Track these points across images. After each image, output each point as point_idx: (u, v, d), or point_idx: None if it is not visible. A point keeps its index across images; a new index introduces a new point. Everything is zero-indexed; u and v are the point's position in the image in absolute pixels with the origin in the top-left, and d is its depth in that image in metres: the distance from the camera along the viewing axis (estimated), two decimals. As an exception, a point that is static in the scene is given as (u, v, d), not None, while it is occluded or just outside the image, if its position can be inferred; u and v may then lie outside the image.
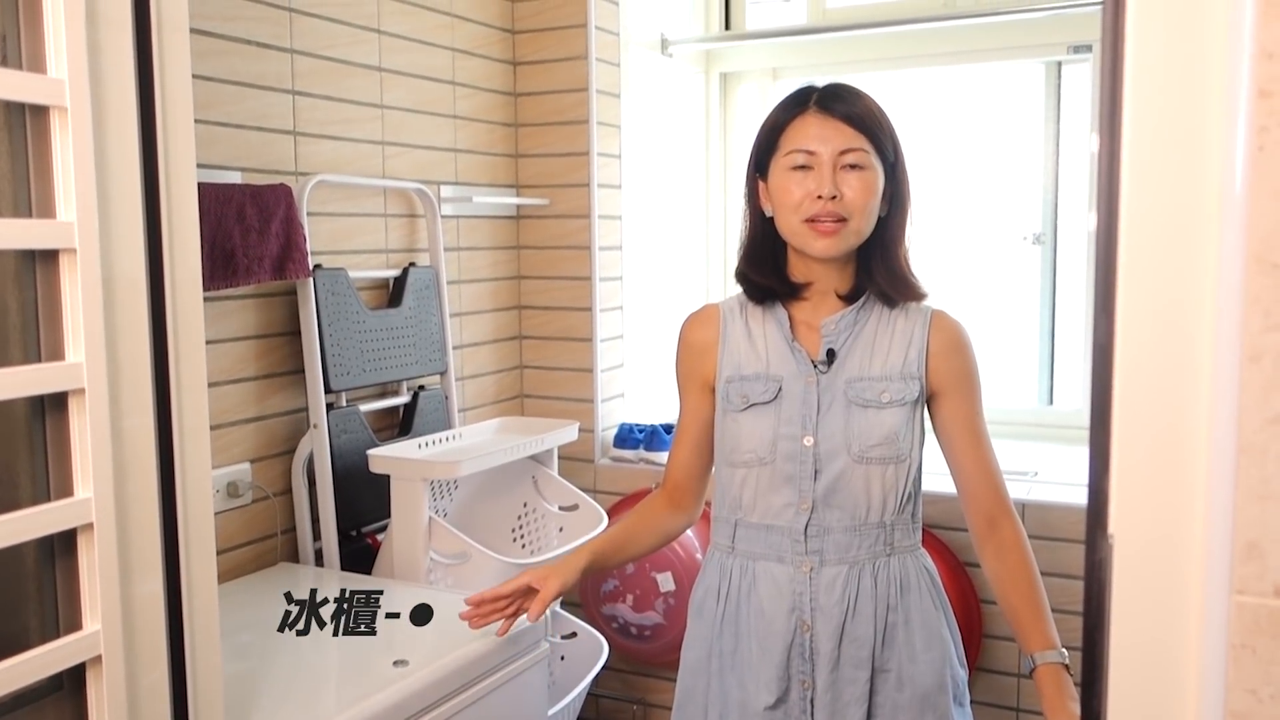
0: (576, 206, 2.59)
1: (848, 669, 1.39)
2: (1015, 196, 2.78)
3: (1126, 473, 0.59)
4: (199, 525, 1.05)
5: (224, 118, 1.87)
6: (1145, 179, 0.57)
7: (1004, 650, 2.27)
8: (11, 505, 0.89)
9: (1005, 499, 1.43)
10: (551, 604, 1.47)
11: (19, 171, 0.90)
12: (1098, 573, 0.61)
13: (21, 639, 0.94)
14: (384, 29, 2.21)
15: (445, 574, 1.99)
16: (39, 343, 0.92)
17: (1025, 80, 2.77)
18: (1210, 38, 0.55)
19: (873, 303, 1.45)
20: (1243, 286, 0.54)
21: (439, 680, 1.54)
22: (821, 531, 1.40)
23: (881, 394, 1.40)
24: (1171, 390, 0.58)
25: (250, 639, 1.63)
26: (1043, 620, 1.37)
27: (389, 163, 2.25)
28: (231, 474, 1.92)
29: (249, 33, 1.91)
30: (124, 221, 0.94)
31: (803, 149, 1.37)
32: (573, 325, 2.63)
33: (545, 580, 1.47)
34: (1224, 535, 0.55)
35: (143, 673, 0.98)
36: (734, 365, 1.46)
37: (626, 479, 2.60)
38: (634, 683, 2.65)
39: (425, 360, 2.28)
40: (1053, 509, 2.19)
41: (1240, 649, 0.55)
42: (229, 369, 1.91)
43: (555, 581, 1.46)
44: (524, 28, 2.60)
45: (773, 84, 2.93)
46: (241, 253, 1.83)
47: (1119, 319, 0.59)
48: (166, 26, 0.98)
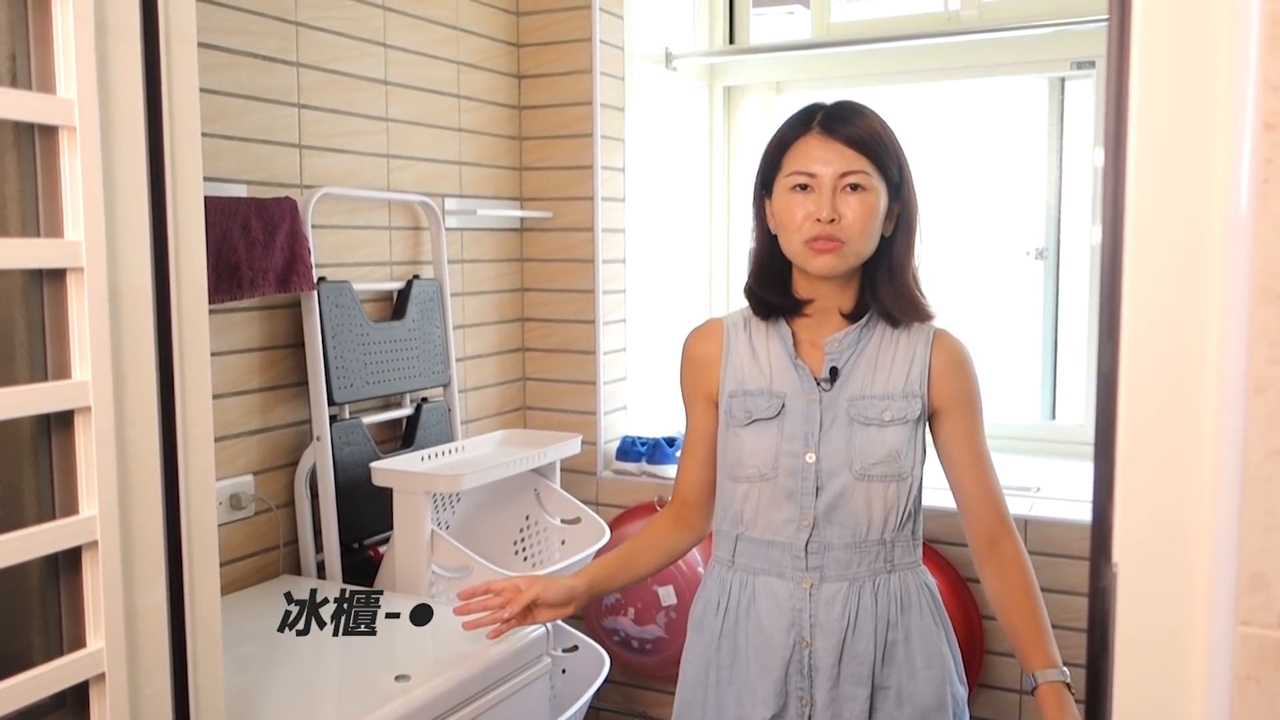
0: (580, 219, 2.60)
1: (847, 686, 1.39)
2: (1018, 212, 2.79)
3: (1131, 502, 0.59)
4: (202, 538, 1.05)
5: (230, 131, 1.88)
6: (1150, 212, 0.57)
7: (1005, 666, 2.26)
8: (17, 522, 0.90)
9: (1006, 517, 1.43)
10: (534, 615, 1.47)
11: (27, 190, 0.90)
12: (1102, 601, 0.61)
13: (25, 656, 0.94)
14: (389, 43, 2.22)
15: (447, 587, 1.99)
16: (45, 359, 0.92)
17: (1028, 96, 2.77)
18: (1214, 72, 0.55)
19: (876, 321, 1.45)
20: (1248, 318, 0.54)
21: (440, 695, 1.54)
22: (822, 548, 1.40)
23: (884, 412, 1.40)
24: (1176, 420, 0.58)
25: (251, 651, 1.63)
26: (1044, 638, 1.37)
27: (394, 175, 2.26)
28: (234, 486, 1.92)
29: (255, 46, 1.92)
30: (131, 238, 0.95)
31: (804, 170, 1.38)
32: (576, 338, 2.64)
33: (530, 584, 1.47)
34: (1229, 566, 0.55)
35: (144, 684, 0.98)
36: (737, 380, 1.46)
37: (629, 492, 2.60)
38: (636, 696, 2.65)
39: (428, 372, 2.28)
40: (1055, 525, 2.18)
41: (1245, 680, 0.55)
42: (232, 381, 1.91)
43: (536, 587, 1.46)
44: (529, 41, 2.61)
45: (776, 98, 2.94)
46: (246, 266, 1.83)
47: (1123, 348, 0.59)
48: (175, 39, 0.98)
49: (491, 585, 1.49)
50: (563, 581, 1.49)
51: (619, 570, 1.54)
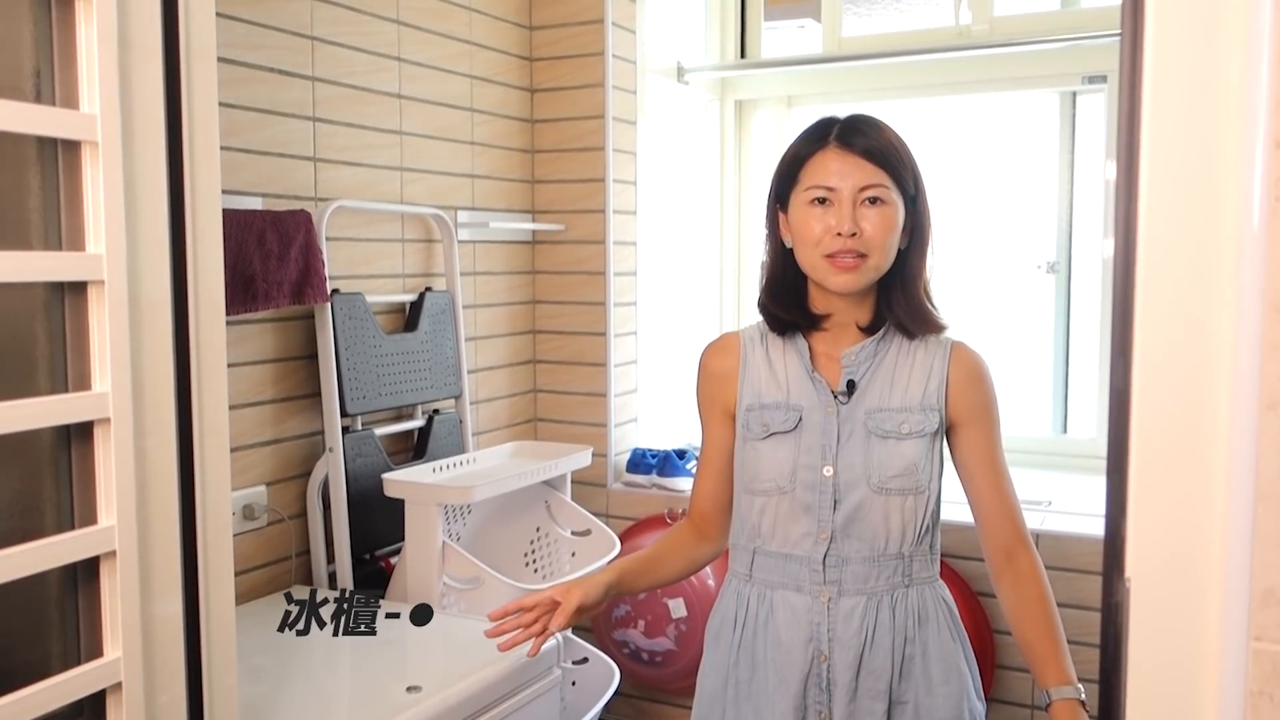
0: (592, 232, 2.61)
1: (865, 700, 1.39)
2: (1029, 225, 2.79)
3: (1144, 517, 0.60)
4: (218, 548, 1.05)
5: (246, 144, 1.90)
6: (1163, 228, 0.58)
7: (1018, 681, 2.25)
8: (37, 531, 0.91)
9: (1023, 532, 1.43)
10: (574, 619, 1.41)
11: (50, 203, 0.92)
12: (1115, 615, 0.62)
13: (44, 664, 0.94)
14: (404, 57, 2.24)
15: (458, 598, 1.99)
16: (66, 371, 0.93)
17: (1040, 110, 2.78)
18: (1226, 89, 0.56)
19: (892, 334, 1.45)
20: (1261, 334, 0.55)
21: (452, 707, 1.54)
22: (840, 562, 1.40)
23: (901, 425, 1.40)
24: (1189, 436, 0.58)
25: (264, 662, 1.64)
26: (1059, 654, 1.36)
27: (407, 188, 2.27)
28: (247, 496, 1.93)
29: (271, 60, 1.94)
30: (151, 251, 0.96)
31: (822, 185, 1.38)
32: (587, 350, 2.64)
33: (568, 592, 1.41)
34: (1242, 582, 0.56)
35: (160, 693, 0.99)
36: (754, 393, 1.46)
37: (639, 504, 2.60)
38: (645, 708, 2.64)
39: (440, 384, 2.29)
40: (1068, 540, 2.18)
41: (1258, 696, 0.55)
42: (246, 392, 1.92)
43: (577, 593, 1.40)
44: (541, 55, 2.62)
45: (787, 112, 2.95)
46: (261, 278, 1.84)
47: (1136, 364, 0.60)
48: (195, 55, 0.99)
49: (524, 603, 1.42)
50: (597, 579, 1.44)
51: (645, 571, 1.51)
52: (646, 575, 1.52)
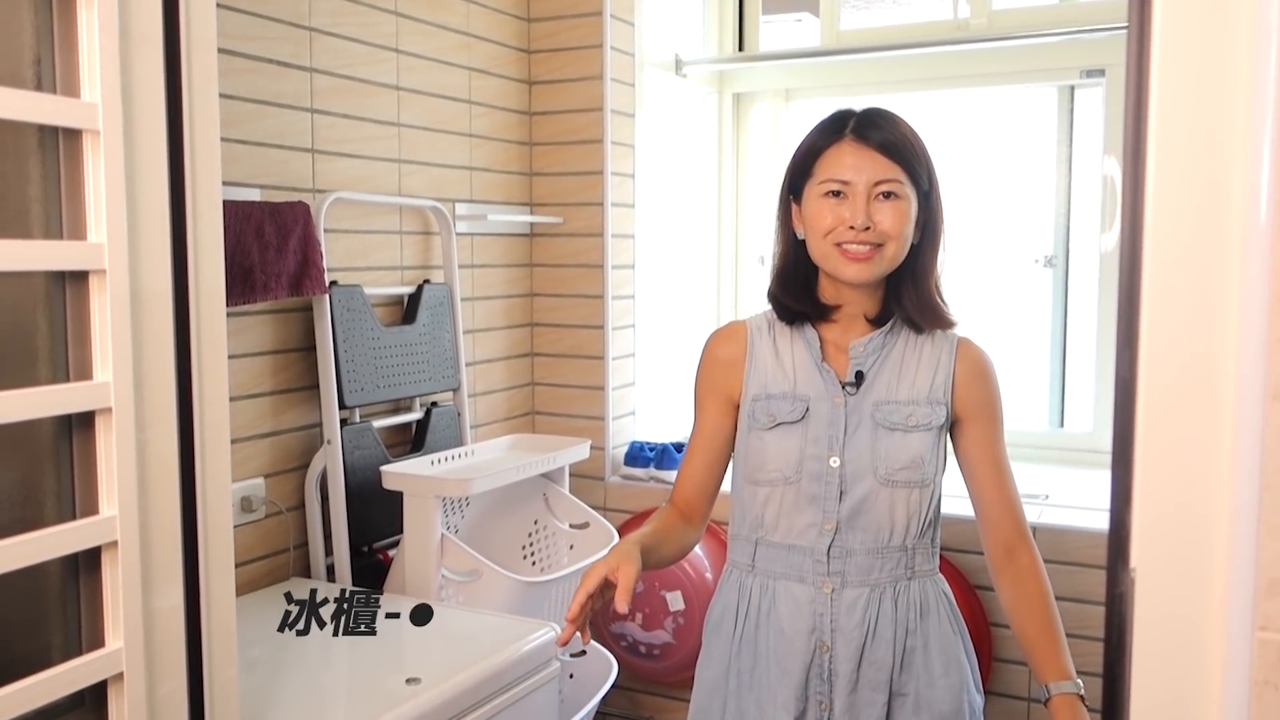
0: (590, 225, 2.61)
1: (866, 691, 1.39)
2: (1027, 219, 2.79)
3: (1149, 507, 0.60)
4: (218, 539, 1.05)
5: (244, 135, 1.89)
6: (1169, 220, 0.58)
7: (1015, 674, 2.26)
8: (38, 522, 0.90)
9: (1024, 527, 1.43)
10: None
11: (51, 193, 0.91)
12: (1119, 606, 0.62)
13: (44, 655, 0.94)
14: (402, 49, 2.24)
15: (456, 591, 1.99)
16: (67, 361, 0.93)
17: (1038, 104, 2.78)
18: (1234, 82, 0.56)
19: (900, 327, 1.45)
20: (1267, 325, 0.55)
21: (451, 699, 1.54)
22: (844, 553, 1.40)
23: (908, 418, 1.40)
24: (1194, 426, 0.58)
25: (261, 653, 1.63)
26: (1058, 649, 1.36)
27: (405, 180, 2.27)
28: (245, 489, 1.93)
29: (270, 52, 1.93)
30: (152, 240, 0.96)
31: (837, 178, 1.37)
32: (584, 343, 2.64)
33: (618, 569, 1.29)
34: (1247, 572, 0.56)
35: (160, 684, 0.99)
36: (761, 383, 1.46)
37: (637, 497, 2.60)
38: (643, 701, 2.65)
39: (438, 377, 2.29)
40: (1066, 533, 2.18)
41: (1263, 685, 0.56)
42: (244, 384, 1.92)
43: (631, 567, 1.28)
44: (540, 48, 2.62)
45: (785, 105, 2.94)
46: (259, 269, 1.84)
47: (1142, 355, 0.60)
48: (195, 45, 0.99)
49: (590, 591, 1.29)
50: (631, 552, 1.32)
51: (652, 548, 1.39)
52: (655, 551, 1.41)
